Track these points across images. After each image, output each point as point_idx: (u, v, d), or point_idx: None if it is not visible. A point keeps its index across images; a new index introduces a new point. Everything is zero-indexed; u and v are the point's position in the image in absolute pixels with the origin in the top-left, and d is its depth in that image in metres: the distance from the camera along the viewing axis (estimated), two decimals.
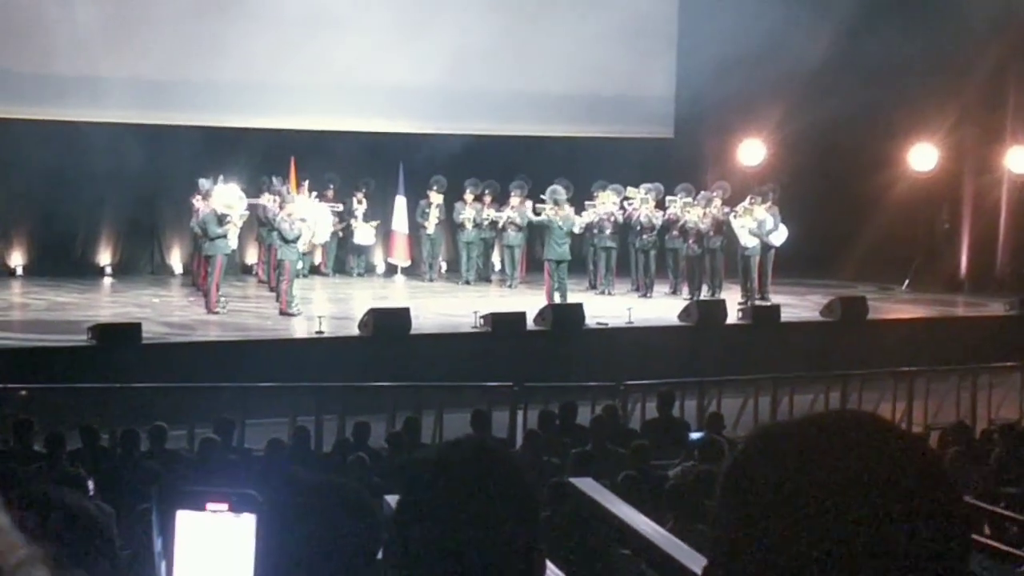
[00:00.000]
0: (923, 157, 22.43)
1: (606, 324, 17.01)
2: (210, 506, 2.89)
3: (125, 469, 9.25)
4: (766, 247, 19.56)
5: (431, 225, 21.26)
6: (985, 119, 22.31)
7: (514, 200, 20.72)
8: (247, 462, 9.85)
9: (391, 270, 22.05)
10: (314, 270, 21.15)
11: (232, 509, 2.86)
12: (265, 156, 20.22)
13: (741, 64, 21.80)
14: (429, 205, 21.22)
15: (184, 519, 2.91)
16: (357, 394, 13.08)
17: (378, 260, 22.24)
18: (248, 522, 2.81)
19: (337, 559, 2.50)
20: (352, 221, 21.22)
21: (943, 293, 21.61)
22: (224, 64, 20.37)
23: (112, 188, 20.14)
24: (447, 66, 20.52)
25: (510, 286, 20.78)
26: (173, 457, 9.93)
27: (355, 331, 15.69)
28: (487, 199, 21.15)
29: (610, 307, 18.21)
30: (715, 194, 20.09)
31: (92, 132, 19.24)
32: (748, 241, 19.33)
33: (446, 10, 21.00)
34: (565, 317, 16.54)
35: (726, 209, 19.80)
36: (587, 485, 5.44)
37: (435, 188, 21.17)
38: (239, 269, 20.62)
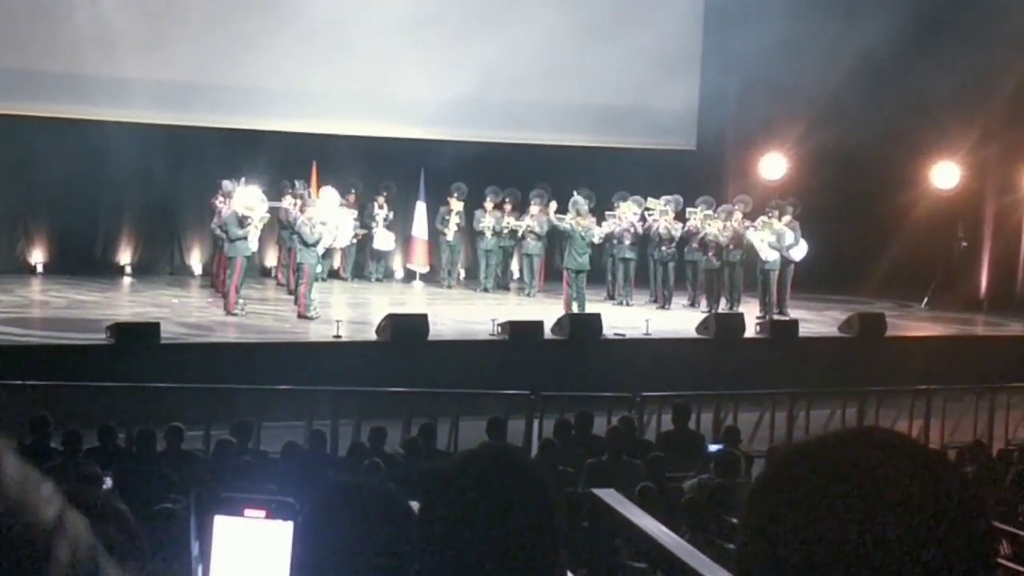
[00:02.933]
0: (945, 175, 22.39)
1: (623, 335, 17.02)
2: (248, 512, 2.91)
3: (141, 469, 9.27)
4: (786, 261, 19.53)
5: (450, 232, 21.28)
6: (1007, 138, 22.27)
7: (534, 209, 20.74)
8: (262, 464, 9.86)
9: (410, 276, 22.06)
10: (333, 274, 21.17)
11: (269, 516, 2.88)
12: (287, 159, 20.27)
13: (765, 79, 21.88)
14: (449, 212, 21.25)
15: (221, 524, 2.93)
16: (373, 399, 13.08)
17: (397, 265, 22.25)
18: (285, 529, 2.83)
19: (374, 564, 2.51)
20: (373, 226, 21.24)
21: (962, 312, 21.55)
22: (248, 67, 20.44)
23: (134, 188, 20.22)
24: (472, 74, 20.52)
25: (528, 294, 20.79)
26: (188, 458, 9.95)
27: (372, 336, 15.71)
28: (507, 207, 21.16)
29: (628, 318, 18.23)
30: (736, 207, 20.07)
31: (116, 132, 19.31)
32: (768, 255, 19.31)
33: (472, 20, 21.03)
34: (583, 327, 16.54)
35: (746, 223, 19.78)
36: (610, 496, 5.41)
37: (455, 195, 21.20)
38: (259, 272, 20.65)
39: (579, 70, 21.38)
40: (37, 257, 20.45)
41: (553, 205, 19.97)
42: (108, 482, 8.32)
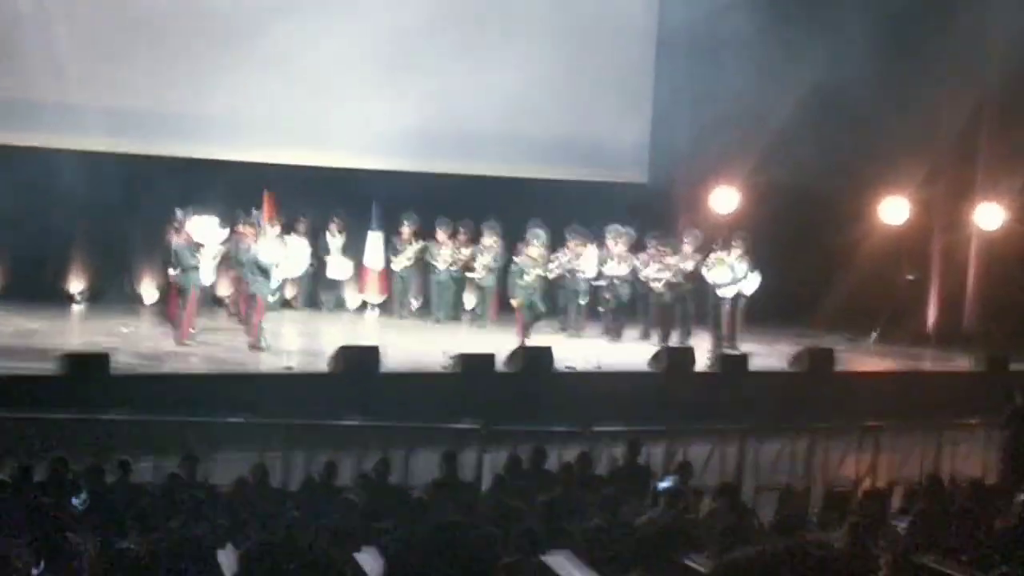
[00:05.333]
0: (893, 210, 22.59)
1: (574, 368, 17.05)
2: None
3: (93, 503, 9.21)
4: (737, 295, 19.63)
5: (401, 263, 21.28)
6: (955, 174, 22.54)
7: (487, 240, 20.80)
8: (213, 499, 9.81)
9: (363, 306, 22.01)
10: (285, 304, 21.09)
11: None
12: (240, 188, 20.15)
13: (716, 112, 22.05)
14: (402, 242, 21.26)
15: None
16: (325, 431, 13.04)
17: (349, 296, 22.17)
18: None
19: None
20: (325, 255, 21.23)
21: (911, 347, 21.72)
22: (202, 96, 20.37)
23: (85, 216, 20.03)
24: (424, 105, 20.60)
25: (481, 326, 20.81)
26: (138, 491, 9.89)
27: (324, 367, 15.67)
28: (461, 238, 21.19)
29: (580, 350, 18.28)
30: (687, 241, 20.19)
31: (66, 159, 19.18)
32: (720, 289, 19.40)
33: (424, 51, 21.07)
34: (534, 359, 16.56)
35: (698, 256, 19.89)
36: (558, 564, 5.40)
37: (407, 225, 21.21)
38: (210, 301, 20.54)
39: (531, 102, 21.40)
40: None
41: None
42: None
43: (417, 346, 18.08)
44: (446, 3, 21.53)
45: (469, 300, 21.84)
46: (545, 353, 16.88)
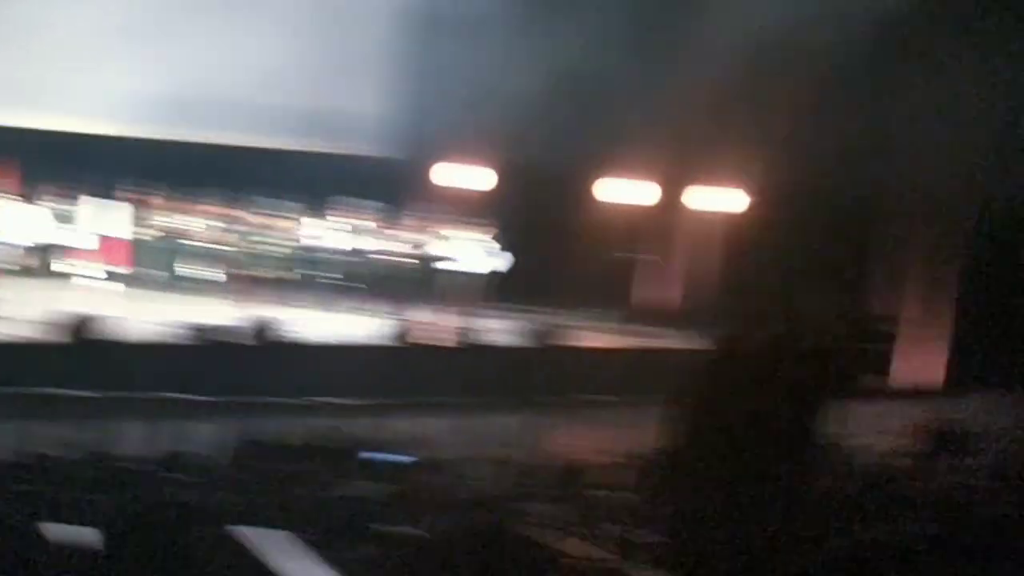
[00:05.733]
0: (635, 192, 23.15)
1: (305, 339, 16.92)
2: None
3: None
4: (478, 271, 19.82)
5: (141, 232, 20.91)
6: (699, 159, 23.19)
7: (229, 212, 20.62)
8: None
9: (105, 275, 21.48)
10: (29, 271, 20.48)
11: None
12: None
13: (464, 89, 22.15)
14: (143, 211, 20.89)
15: None
16: (49, 401, 12.74)
17: (87, 265, 21.62)
18: None
19: None
20: (68, 225, 20.74)
21: (642, 324, 22.24)
22: None
23: None
24: (159, 73, 20.23)
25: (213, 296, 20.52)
26: None
27: (54, 336, 15.31)
28: (205, 208, 20.93)
29: (311, 323, 18.22)
30: (427, 216, 20.30)
31: None
32: (458, 264, 19.58)
33: (173, 17, 20.69)
34: (264, 330, 16.40)
35: (438, 231, 20.02)
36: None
37: (151, 194, 20.85)
38: None
39: (279, 73, 21.21)
40: None
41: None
42: None
43: (149, 316, 17.75)
44: None
45: (199, 270, 21.46)
46: (274, 324, 16.73)
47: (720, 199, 23.07)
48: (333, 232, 20.27)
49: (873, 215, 22.82)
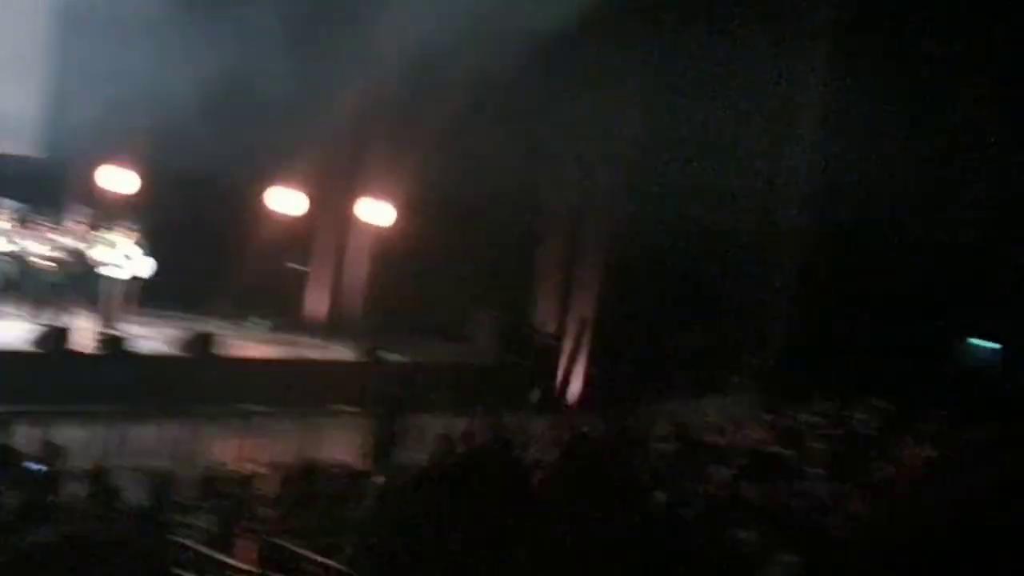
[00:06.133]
0: (284, 201, 23.05)
1: None
2: None
3: None
4: (125, 277, 19.29)
5: None
6: (350, 170, 23.26)
7: None
8: None
9: None
10: None
11: None
12: None
13: (116, 91, 21.55)
14: None
15: None
16: None
17: None
18: None
19: None
20: None
21: (298, 334, 22.17)
22: None
23: None
24: None
25: None
26: None
27: None
28: None
29: None
30: (76, 218, 19.64)
31: None
32: (106, 269, 19.02)
33: None
34: None
35: (88, 234, 19.40)
36: None
37: None
38: None
39: None
40: None
41: None
42: None
43: None
44: None
45: None
46: None
47: (375, 211, 23.19)
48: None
49: (528, 231, 23.42)
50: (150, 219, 20.11)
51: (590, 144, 22.66)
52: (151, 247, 19.59)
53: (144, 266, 19.44)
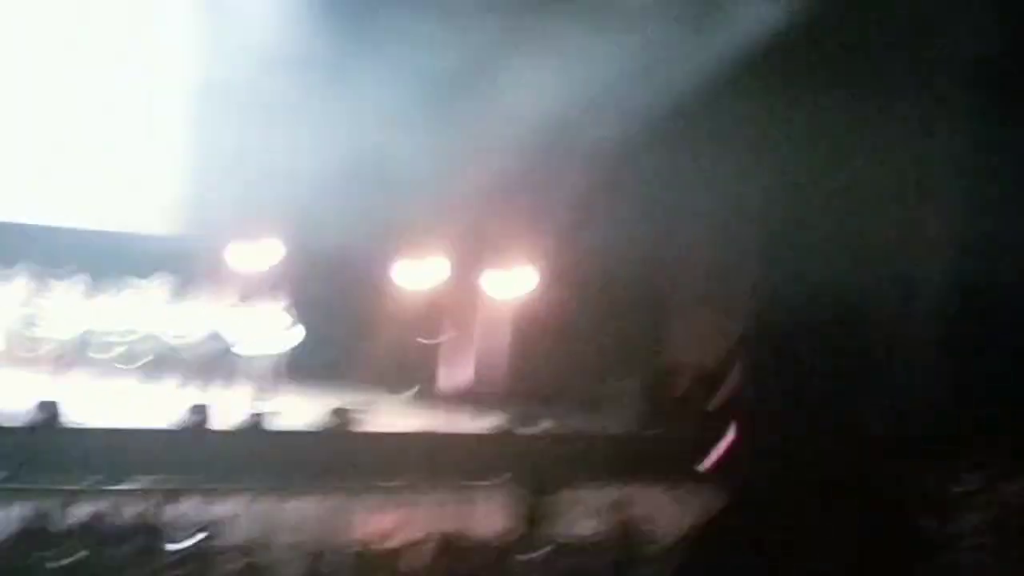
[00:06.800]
0: (429, 270, 23.15)
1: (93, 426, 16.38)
2: None
3: None
4: (271, 351, 19.49)
5: None
6: (489, 238, 23.28)
7: None
8: None
9: None
10: None
11: None
12: None
13: (253, 168, 21.95)
14: None
15: None
16: None
17: None
18: None
19: None
20: None
21: (445, 406, 22.07)
22: None
23: None
24: None
25: None
26: None
27: None
28: None
29: (103, 403, 17.69)
30: (223, 295, 19.91)
31: None
32: (255, 344, 19.23)
33: None
34: (46, 412, 15.77)
35: (234, 310, 19.67)
36: None
37: None
38: None
39: (63, 151, 20.52)
40: None
41: None
42: None
43: None
44: None
45: None
46: (56, 406, 16.16)
47: (512, 280, 23.16)
48: (122, 311, 19.64)
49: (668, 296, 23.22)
50: (292, 294, 20.33)
51: (727, 205, 22.43)
52: (295, 320, 19.79)
53: (288, 340, 19.63)
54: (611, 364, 22.64)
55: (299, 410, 19.53)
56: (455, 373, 23.86)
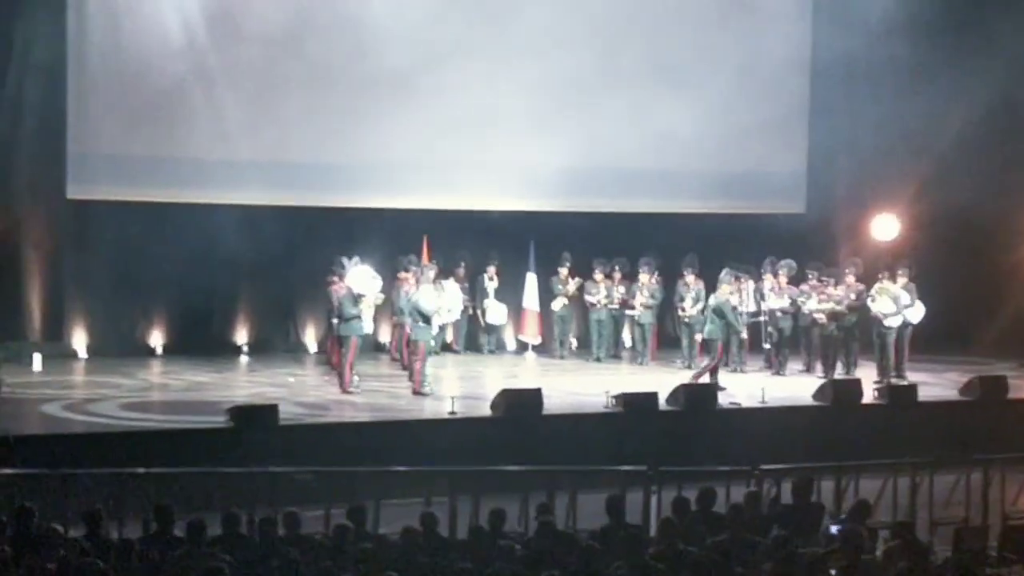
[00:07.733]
0: None
1: (739, 404, 16.88)
2: None
3: (263, 556, 9.33)
4: (903, 324, 19.24)
5: (559, 303, 21.31)
6: None
7: (643, 277, 20.76)
8: (383, 549, 9.84)
9: (522, 347, 22.09)
10: (446, 347, 21.22)
11: None
12: (397, 236, 20.46)
13: (873, 140, 21.75)
14: (560, 282, 21.28)
15: None
16: (490, 476, 13.00)
17: (509, 337, 22.30)
18: None
19: None
20: (484, 298, 21.42)
21: None
22: (357, 145, 20.67)
23: (248, 268, 20.49)
24: (579, 144, 20.58)
25: (641, 363, 20.72)
26: (308, 543, 9.95)
27: (487, 411, 15.73)
28: (617, 276, 21.17)
29: (743, 385, 18.10)
30: (848, 271, 19.85)
31: (229, 213, 19.61)
32: (886, 319, 19.03)
33: (577, 91, 21.14)
34: (698, 397, 16.43)
35: (861, 286, 19.56)
36: None
37: (564, 265, 21.24)
38: (372, 347, 20.71)
39: (685, 137, 21.17)
40: (156, 339, 20.70)
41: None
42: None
43: (578, 387, 18.05)
44: (599, 46, 21.45)
45: (627, 338, 21.80)
46: (708, 390, 16.78)
47: None
48: (775, 292, 20.04)
49: None
50: (918, 263, 19.96)
51: None
52: (922, 291, 19.43)
53: (917, 312, 19.30)
54: None
55: (937, 380, 19.21)
56: None
